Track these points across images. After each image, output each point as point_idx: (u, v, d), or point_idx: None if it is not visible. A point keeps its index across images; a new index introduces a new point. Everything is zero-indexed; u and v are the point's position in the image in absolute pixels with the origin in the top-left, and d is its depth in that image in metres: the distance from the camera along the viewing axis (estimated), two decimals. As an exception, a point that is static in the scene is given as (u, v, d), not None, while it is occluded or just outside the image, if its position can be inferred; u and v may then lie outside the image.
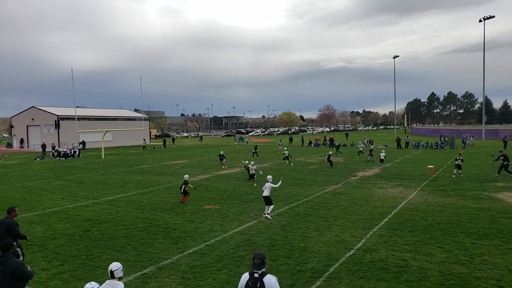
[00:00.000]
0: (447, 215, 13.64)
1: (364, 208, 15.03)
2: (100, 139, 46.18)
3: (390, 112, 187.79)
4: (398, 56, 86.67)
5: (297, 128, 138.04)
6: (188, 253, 10.12)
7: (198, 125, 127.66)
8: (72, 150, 42.62)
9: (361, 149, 38.99)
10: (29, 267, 6.35)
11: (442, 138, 52.03)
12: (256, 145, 35.33)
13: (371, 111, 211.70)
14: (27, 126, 58.52)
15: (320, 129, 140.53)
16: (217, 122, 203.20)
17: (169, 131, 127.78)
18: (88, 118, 59.05)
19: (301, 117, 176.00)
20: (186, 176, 17.00)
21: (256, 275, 5.08)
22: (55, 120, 54.81)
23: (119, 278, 5.58)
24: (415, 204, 15.64)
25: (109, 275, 5.56)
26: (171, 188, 20.11)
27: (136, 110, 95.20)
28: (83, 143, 52.41)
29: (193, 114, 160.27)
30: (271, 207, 13.73)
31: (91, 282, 5.27)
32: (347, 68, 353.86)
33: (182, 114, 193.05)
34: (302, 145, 55.54)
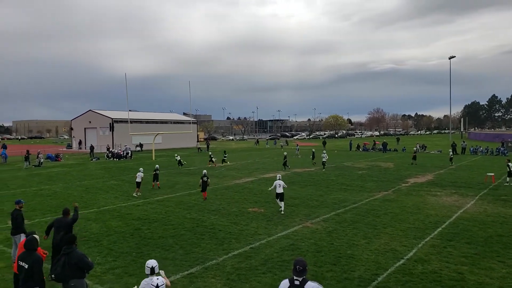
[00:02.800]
0: (510, 227, 12.72)
1: (416, 216, 14.40)
2: (151, 141, 48.03)
3: (444, 116, 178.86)
4: (455, 56, 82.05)
5: (344, 131, 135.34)
6: (233, 254, 10.23)
7: (243, 128, 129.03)
8: (125, 152, 44.67)
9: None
10: (89, 258, 6.82)
11: (504, 143, 48.66)
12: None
13: (424, 114, 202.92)
14: (84, 128, 62.21)
15: (369, 133, 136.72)
16: (262, 126, 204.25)
17: (215, 135, 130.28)
18: (140, 121, 61.65)
19: (349, 121, 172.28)
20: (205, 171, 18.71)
21: (297, 282, 5.03)
22: (110, 123, 57.79)
23: (157, 274, 5.95)
24: (473, 214, 14.73)
25: (149, 272, 5.91)
26: (216, 190, 20.47)
27: (185, 114, 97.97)
28: (141, 145, 54.77)
29: (239, 117, 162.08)
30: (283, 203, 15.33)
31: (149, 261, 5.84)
32: (397, 69, 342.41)
33: (228, 118, 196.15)
34: (350, 150, 54.28)
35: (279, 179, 15.72)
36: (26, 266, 6.41)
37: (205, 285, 8.31)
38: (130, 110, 53.37)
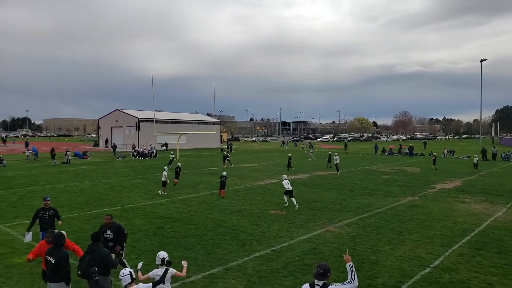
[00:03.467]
0: (543, 237, 12.16)
1: (443, 223, 13.98)
2: (176, 141, 48.68)
3: (474, 120, 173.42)
4: (486, 59, 79.25)
5: (369, 134, 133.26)
6: (255, 256, 10.20)
7: (266, 130, 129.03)
8: (150, 151, 45.44)
9: (475, 161, 32.77)
10: (114, 256, 7.06)
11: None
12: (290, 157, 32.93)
13: (453, 118, 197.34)
14: (111, 127, 63.70)
15: (395, 137, 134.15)
16: (285, 127, 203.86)
17: (238, 135, 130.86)
18: (165, 121, 62.59)
19: (375, 124, 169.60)
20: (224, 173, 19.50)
21: (317, 287, 4.96)
22: (136, 122, 58.96)
23: (168, 264, 6.34)
24: (504, 222, 14.17)
25: (160, 262, 6.35)
26: (238, 191, 20.51)
27: (209, 115, 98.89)
28: (166, 144, 55.65)
29: (262, 118, 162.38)
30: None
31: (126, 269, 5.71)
32: (425, 72, 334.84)
33: (251, 119, 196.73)
34: (375, 153, 53.36)
35: (285, 179, 17.21)
36: (53, 261, 6.58)
37: (226, 286, 8.32)
38: (156, 110, 54.30)
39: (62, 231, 7.34)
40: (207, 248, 10.87)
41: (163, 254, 6.48)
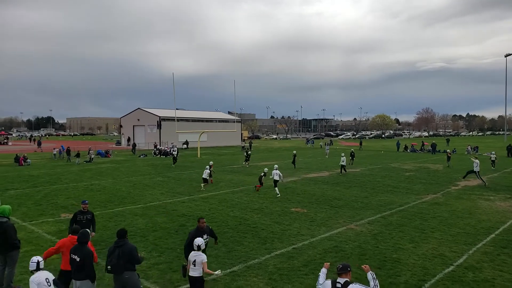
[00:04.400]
0: None
1: (467, 221, 13.71)
2: (197, 139, 49.18)
3: (499, 116, 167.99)
4: (511, 54, 76.75)
5: (391, 131, 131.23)
6: (276, 254, 10.27)
7: (287, 128, 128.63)
8: (172, 149, 46.04)
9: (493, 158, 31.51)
10: (140, 253, 7.30)
11: None
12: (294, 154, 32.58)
13: (477, 115, 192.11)
14: (133, 126, 64.85)
15: (417, 133, 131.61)
16: (305, 125, 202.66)
17: (259, 133, 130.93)
18: (186, 120, 63.28)
19: (396, 120, 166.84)
20: (266, 169, 20.89)
21: (338, 285, 4.99)
22: (157, 121, 59.82)
23: (203, 251, 7.14)
24: (531, 221, 13.78)
25: (196, 248, 7.05)
26: (259, 189, 20.57)
27: (229, 113, 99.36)
28: (187, 142, 56.29)
29: (282, 116, 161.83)
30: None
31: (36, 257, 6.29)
32: (448, 68, 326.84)
33: (272, 117, 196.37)
34: (397, 150, 52.54)
35: (276, 170, 19.21)
36: (78, 259, 6.78)
37: (247, 284, 8.42)
38: (177, 109, 54.90)
39: (86, 229, 7.57)
40: (228, 246, 11.00)
41: (199, 241, 7.12)
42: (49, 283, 6.05)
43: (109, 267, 6.87)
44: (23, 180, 24.44)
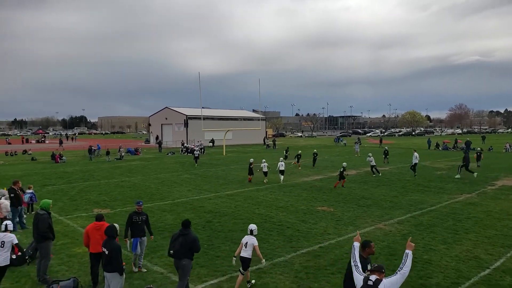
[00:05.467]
0: None
1: (504, 222, 13.14)
2: (222, 137, 49.56)
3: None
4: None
5: (422, 129, 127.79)
6: (302, 252, 10.19)
7: (312, 125, 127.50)
8: (199, 147, 46.58)
9: None
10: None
11: None
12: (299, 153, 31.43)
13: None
14: (161, 124, 66.05)
15: (450, 131, 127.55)
16: (332, 122, 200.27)
17: (283, 131, 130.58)
18: (212, 118, 63.89)
19: (428, 117, 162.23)
20: (344, 164, 21.87)
21: (370, 282, 4.91)
22: (184, 119, 60.66)
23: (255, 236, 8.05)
24: None
25: (249, 232, 8.07)
26: (284, 187, 20.50)
27: (254, 111, 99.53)
28: (213, 141, 56.75)
29: (308, 113, 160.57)
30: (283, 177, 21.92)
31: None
32: (483, 62, 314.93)
33: (297, 114, 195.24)
34: (429, 148, 51.08)
35: (281, 161, 22.50)
36: (107, 252, 6.97)
37: (273, 281, 8.38)
38: (203, 107, 55.44)
39: (115, 224, 7.75)
40: (254, 243, 10.98)
41: (252, 226, 8.23)
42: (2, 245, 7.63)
43: (171, 251, 7.56)
44: (59, 176, 25.41)
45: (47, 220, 8.70)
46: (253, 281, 8.29)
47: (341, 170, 20.54)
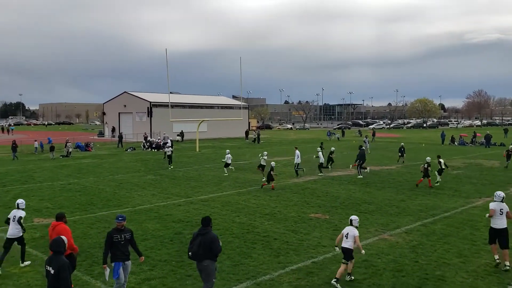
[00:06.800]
0: None
1: (530, 231, 13.51)
2: (194, 130, 49.25)
3: None
4: None
5: (435, 120, 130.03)
6: (291, 269, 10.27)
7: (304, 115, 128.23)
8: (163, 142, 46.21)
9: None
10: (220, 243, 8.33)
11: None
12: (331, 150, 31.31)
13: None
14: (119, 113, 65.34)
15: (467, 122, 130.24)
16: (328, 111, 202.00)
17: (270, 122, 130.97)
18: (182, 106, 63.49)
19: (441, 106, 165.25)
20: (273, 163, 21.87)
21: None
22: (148, 107, 60.10)
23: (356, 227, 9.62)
24: None
25: (349, 223, 9.83)
26: (271, 190, 20.59)
27: (234, 97, 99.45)
28: (182, 134, 56.33)
29: (299, 101, 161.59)
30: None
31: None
32: (504, 41, 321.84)
33: (286, 102, 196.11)
34: (442, 143, 52.05)
35: (265, 156, 24.48)
36: (52, 271, 6.83)
37: (257, 304, 8.44)
38: (171, 93, 54.94)
39: (61, 236, 7.65)
40: (233, 258, 11.03)
41: (353, 217, 9.89)
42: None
43: (190, 253, 8.16)
44: (-13, 178, 24.85)
45: None
46: (352, 277, 9.52)
47: (270, 169, 21.12)
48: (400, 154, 32.35)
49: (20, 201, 11.12)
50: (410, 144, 51.60)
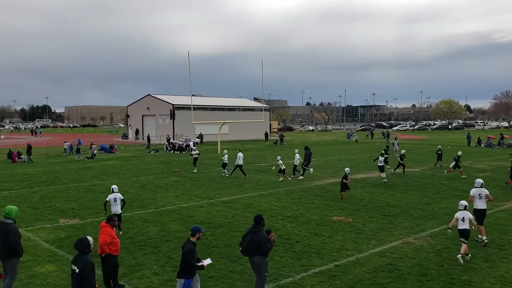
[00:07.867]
0: None
1: (561, 236, 13.15)
2: (216, 132, 49.51)
3: None
4: None
5: (460, 121, 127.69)
6: (314, 272, 10.22)
7: (326, 117, 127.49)
8: (185, 144, 46.59)
9: None
10: (271, 244, 8.44)
11: None
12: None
13: None
14: (142, 116, 66.09)
15: (494, 124, 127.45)
16: (351, 113, 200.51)
17: (291, 124, 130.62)
18: (204, 108, 63.86)
19: (467, 107, 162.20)
20: (347, 169, 20.22)
21: None
22: (171, 110, 60.62)
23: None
24: None
25: (462, 208, 11.31)
26: (293, 192, 20.55)
27: (255, 99, 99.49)
28: (201, 136, 56.61)
29: (321, 103, 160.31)
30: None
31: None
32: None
33: (308, 103, 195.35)
34: (468, 145, 51.12)
35: (280, 161, 24.57)
36: (77, 270, 6.96)
37: (279, 307, 8.42)
38: (193, 95, 55.31)
39: (88, 236, 7.77)
40: (255, 260, 11.02)
41: (463, 202, 11.50)
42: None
43: (240, 248, 8.53)
44: (17, 179, 25.52)
45: (18, 231, 8.73)
46: (469, 255, 10.63)
47: (343, 178, 19.41)
48: (437, 158, 30.96)
49: (114, 186, 14.43)
50: (434, 146, 50.81)
